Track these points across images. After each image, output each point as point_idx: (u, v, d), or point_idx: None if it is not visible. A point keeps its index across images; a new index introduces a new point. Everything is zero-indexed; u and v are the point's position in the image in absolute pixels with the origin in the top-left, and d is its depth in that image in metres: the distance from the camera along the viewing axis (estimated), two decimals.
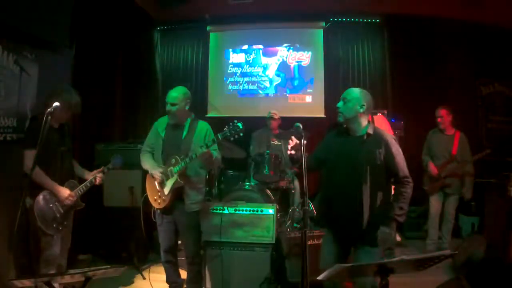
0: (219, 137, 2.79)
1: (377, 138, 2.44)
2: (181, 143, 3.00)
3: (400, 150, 2.48)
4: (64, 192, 2.82)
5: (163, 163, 3.02)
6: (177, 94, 3.03)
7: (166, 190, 2.97)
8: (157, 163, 3.06)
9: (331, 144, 2.57)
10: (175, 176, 2.92)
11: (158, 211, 3.08)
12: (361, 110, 2.44)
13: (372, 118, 4.04)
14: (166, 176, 2.95)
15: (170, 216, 3.07)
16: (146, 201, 3.16)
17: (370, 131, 2.46)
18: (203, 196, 3.18)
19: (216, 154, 3.01)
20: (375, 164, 2.38)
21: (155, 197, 3.05)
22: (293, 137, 2.40)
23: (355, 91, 2.51)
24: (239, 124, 2.74)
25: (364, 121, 2.49)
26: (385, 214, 2.39)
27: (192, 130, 3.05)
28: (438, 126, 4.50)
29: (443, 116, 4.43)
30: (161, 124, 3.15)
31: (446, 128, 4.46)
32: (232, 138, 2.78)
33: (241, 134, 2.76)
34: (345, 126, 2.53)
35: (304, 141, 2.20)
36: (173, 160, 2.93)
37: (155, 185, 3.03)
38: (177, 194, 2.98)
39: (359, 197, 2.37)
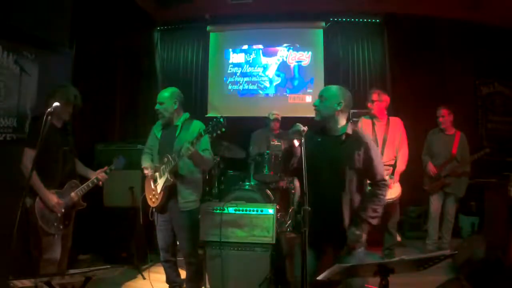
0: (202, 133, 2.79)
1: (356, 140, 2.37)
2: (174, 142, 3.04)
3: (378, 153, 2.45)
4: (52, 199, 2.77)
5: (159, 163, 3.08)
6: (164, 93, 3.11)
7: (158, 189, 3.03)
8: (155, 163, 3.13)
9: (307, 145, 2.41)
10: (166, 175, 2.96)
11: (154, 210, 3.12)
12: (339, 108, 2.36)
13: (388, 120, 4.06)
14: (157, 175, 3.02)
15: (166, 215, 3.11)
16: (146, 201, 3.17)
17: (349, 131, 2.39)
18: (199, 195, 3.18)
19: (207, 154, 3.04)
20: (354, 166, 2.32)
21: (150, 196, 3.11)
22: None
23: (333, 89, 2.44)
24: (221, 120, 2.73)
25: (342, 120, 2.41)
26: (358, 215, 2.33)
27: (185, 129, 3.08)
28: (439, 126, 4.50)
29: (445, 115, 4.43)
30: (157, 126, 3.22)
31: (447, 128, 4.46)
32: (214, 134, 2.76)
33: (223, 130, 2.73)
34: (322, 125, 2.45)
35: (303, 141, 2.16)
36: (165, 159, 2.98)
37: (151, 184, 3.10)
38: (170, 192, 3.01)
39: (339, 200, 2.32)
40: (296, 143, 2.30)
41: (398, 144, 4.04)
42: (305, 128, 2.18)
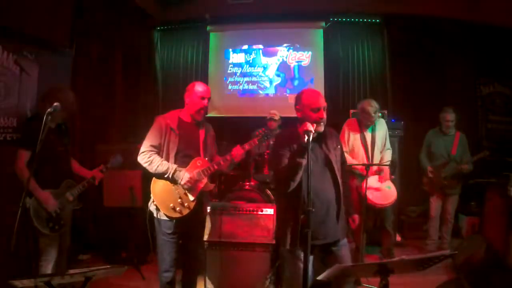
0: (256, 142, 2.79)
1: (334, 136, 2.54)
2: (199, 143, 2.77)
3: None
4: (46, 199, 2.76)
5: (177, 165, 2.69)
6: (208, 88, 2.82)
7: (192, 196, 2.70)
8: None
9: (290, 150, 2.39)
10: (205, 180, 2.73)
11: (174, 220, 2.69)
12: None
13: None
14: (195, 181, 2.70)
15: (183, 224, 2.72)
16: (145, 201, 3.10)
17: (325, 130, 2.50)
18: None
19: None
20: (339, 159, 2.48)
21: (172, 205, 2.67)
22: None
23: None
24: (266, 131, 2.85)
25: None
26: (348, 203, 2.54)
27: (207, 129, 2.88)
28: (442, 128, 4.48)
29: (448, 120, 4.38)
30: (172, 121, 2.74)
31: (448, 130, 4.45)
32: (263, 142, 2.88)
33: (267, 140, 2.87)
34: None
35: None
36: (199, 162, 2.73)
37: (173, 190, 2.69)
38: (199, 198, 2.75)
39: (331, 195, 2.38)
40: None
41: (383, 143, 4.05)
42: (313, 129, 2.17)
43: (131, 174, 4.03)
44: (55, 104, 2.37)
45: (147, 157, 2.67)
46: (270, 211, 3.25)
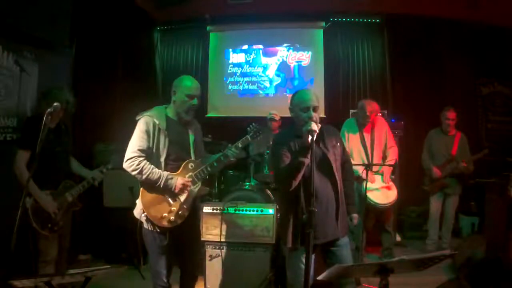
0: (249, 138, 2.66)
1: (332, 134, 2.52)
2: (189, 143, 2.58)
3: None
4: (45, 199, 2.77)
5: (167, 169, 2.48)
6: (198, 84, 2.56)
7: (188, 202, 2.51)
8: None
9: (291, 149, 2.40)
10: (199, 183, 2.56)
11: (167, 231, 2.47)
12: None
13: (373, 120, 4.06)
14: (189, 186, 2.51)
15: (178, 232, 2.51)
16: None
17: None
18: None
19: None
20: (338, 158, 2.48)
21: (165, 214, 2.45)
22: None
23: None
24: (256, 125, 2.73)
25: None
26: (349, 202, 2.52)
27: (196, 127, 2.69)
28: (443, 128, 4.48)
29: (450, 118, 4.40)
30: (160, 121, 2.49)
31: (449, 130, 4.45)
32: (256, 140, 2.77)
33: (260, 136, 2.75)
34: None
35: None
36: (191, 165, 2.53)
37: (165, 199, 2.48)
38: (193, 203, 2.59)
39: (331, 193, 2.38)
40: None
41: (384, 141, 4.05)
42: (317, 129, 2.14)
43: (131, 174, 4.02)
44: (55, 104, 2.36)
45: (135, 165, 2.43)
46: (270, 211, 3.25)
